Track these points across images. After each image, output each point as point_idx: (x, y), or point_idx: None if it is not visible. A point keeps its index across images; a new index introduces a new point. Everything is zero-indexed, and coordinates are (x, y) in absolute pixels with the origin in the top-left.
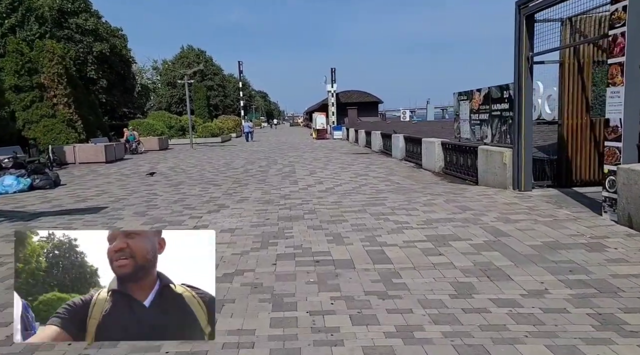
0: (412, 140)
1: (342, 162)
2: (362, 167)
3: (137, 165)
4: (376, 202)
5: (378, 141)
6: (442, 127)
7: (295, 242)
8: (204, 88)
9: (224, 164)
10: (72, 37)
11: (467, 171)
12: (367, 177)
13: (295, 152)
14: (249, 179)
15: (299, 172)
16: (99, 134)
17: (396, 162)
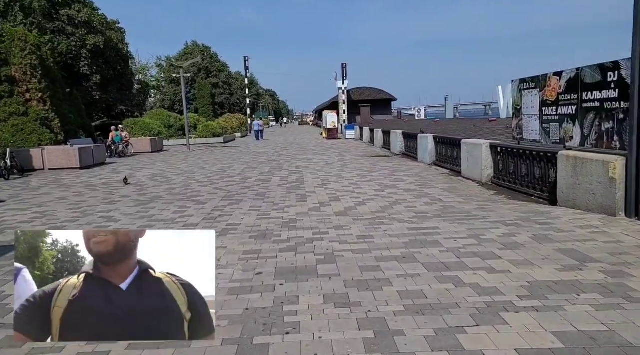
0: (446, 142)
1: (360, 167)
2: (386, 175)
3: (116, 172)
4: (425, 239)
5: (399, 142)
6: (475, 125)
7: (304, 345)
8: (208, 85)
9: (219, 170)
10: (63, 30)
11: (534, 184)
12: (396, 189)
13: (304, 154)
14: (245, 192)
15: (309, 183)
16: (82, 135)
17: (425, 168)
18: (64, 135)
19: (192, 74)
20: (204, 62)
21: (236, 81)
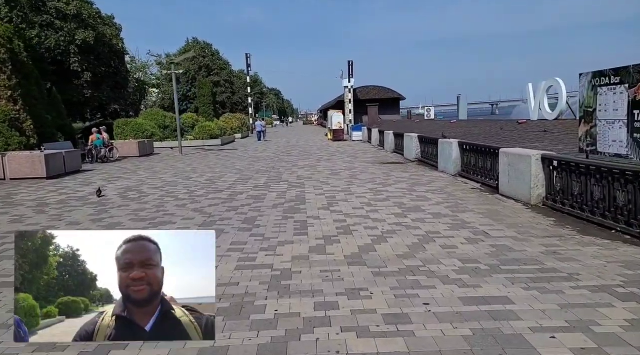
0: (477, 150)
1: (372, 178)
2: (405, 191)
3: (86, 184)
4: (499, 330)
5: (414, 147)
6: (502, 128)
7: None
8: (209, 83)
9: (206, 181)
10: (51, 24)
11: (616, 214)
12: (421, 213)
13: (307, 159)
14: (229, 217)
15: (311, 202)
16: (60, 138)
17: (450, 181)
18: (37, 139)
19: (192, 71)
20: (204, 59)
21: (238, 79)
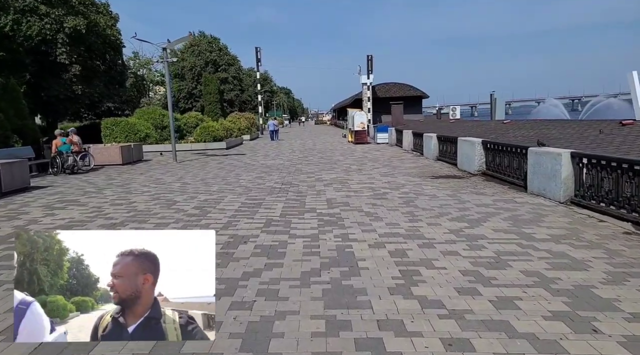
0: (610, 167)
1: (442, 208)
2: (515, 236)
3: (14, 216)
4: None
5: (475, 155)
6: (602, 131)
7: None
8: (216, 80)
9: (195, 210)
10: (35, 9)
11: None
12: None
13: (333, 171)
14: (217, 319)
15: (369, 269)
16: (17, 141)
17: (564, 213)
18: None
19: (198, 67)
20: (211, 54)
21: (248, 77)
